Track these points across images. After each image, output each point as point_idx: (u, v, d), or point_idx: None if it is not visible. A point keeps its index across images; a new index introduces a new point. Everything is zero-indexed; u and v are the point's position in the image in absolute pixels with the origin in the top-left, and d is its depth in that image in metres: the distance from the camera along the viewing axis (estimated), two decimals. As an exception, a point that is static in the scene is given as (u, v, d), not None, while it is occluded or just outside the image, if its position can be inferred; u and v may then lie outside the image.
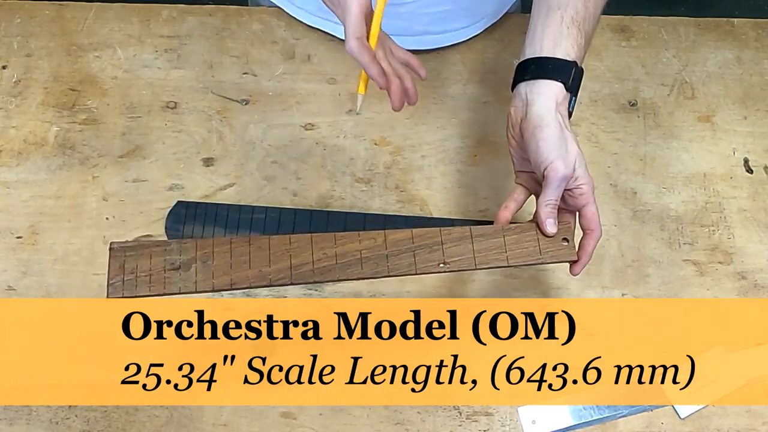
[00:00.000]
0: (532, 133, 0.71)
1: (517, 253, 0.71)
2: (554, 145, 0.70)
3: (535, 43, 0.74)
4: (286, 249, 0.68)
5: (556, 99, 0.71)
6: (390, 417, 0.79)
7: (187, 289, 0.65)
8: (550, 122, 0.70)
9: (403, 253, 0.69)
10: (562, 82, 0.71)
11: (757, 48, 1.03)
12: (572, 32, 0.73)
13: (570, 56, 0.72)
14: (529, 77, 0.72)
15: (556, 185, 0.70)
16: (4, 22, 1.01)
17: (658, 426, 0.79)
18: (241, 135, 0.94)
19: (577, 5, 0.73)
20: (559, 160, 0.69)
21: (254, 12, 1.03)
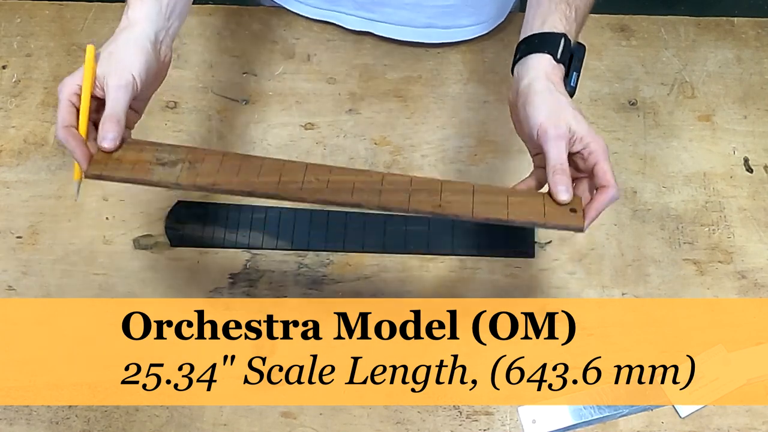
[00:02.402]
0: (522, 106, 0.69)
1: (519, 212, 0.66)
2: (542, 107, 0.67)
3: (527, 25, 0.74)
4: (278, 168, 0.66)
5: (544, 70, 0.70)
6: (390, 417, 0.79)
7: (167, 181, 0.64)
8: (538, 89, 0.69)
9: (398, 191, 0.66)
10: (549, 53, 0.70)
11: (757, 47, 1.03)
12: (561, 7, 0.72)
13: (557, 29, 0.71)
14: (520, 56, 0.72)
15: (551, 146, 0.66)
16: (4, 22, 1.01)
17: (658, 425, 0.79)
18: (241, 135, 0.94)
19: None
20: (547, 121, 0.67)
21: (254, 12, 1.03)
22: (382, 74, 0.99)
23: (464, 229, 0.88)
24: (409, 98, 0.97)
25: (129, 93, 0.67)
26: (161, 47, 0.71)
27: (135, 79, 0.67)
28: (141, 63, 0.68)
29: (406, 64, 1.00)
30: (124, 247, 0.87)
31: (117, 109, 0.66)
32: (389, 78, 0.99)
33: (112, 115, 0.65)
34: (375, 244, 0.87)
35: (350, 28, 0.99)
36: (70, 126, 0.66)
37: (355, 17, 0.98)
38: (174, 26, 0.72)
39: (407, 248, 0.87)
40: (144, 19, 0.69)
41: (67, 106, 0.67)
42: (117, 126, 0.65)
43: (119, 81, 0.66)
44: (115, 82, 0.66)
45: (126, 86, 0.66)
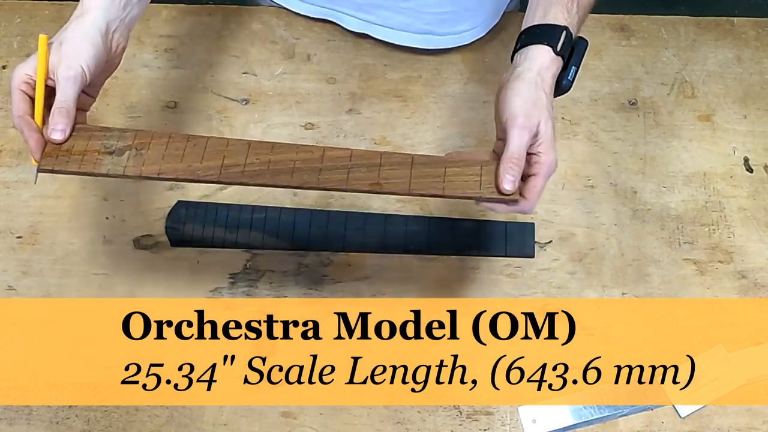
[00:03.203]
0: (505, 89, 0.70)
1: (455, 185, 0.66)
2: (521, 98, 0.68)
3: (529, 15, 0.74)
4: (221, 150, 0.66)
5: (541, 62, 0.70)
6: (390, 416, 0.79)
7: (115, 172, 0.65)
8: (524, 79, 0.69)
9: (337, 169, 0.66)
10: (549, 45, 0.70)
11: (757, 47, 1.03)
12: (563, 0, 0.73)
13: (558, 21, 0.71)
14: (520, 45, 0.72)
15: (515, 134, 0.67)
16: (4, 22, 1.01)
17: (658, 425, 0.79)
18: (241, 135, 0.94)
19: None
20: (520, 110, 0.67)
21: (254, 12, 1.03)
22: (382, 74, 0.99)
23: (464, 229, 0.88)
24: (409, 98, 0.97)
25: (77, 84, 0.67)
26: (113, 36, 0.71)
27: (84, 70, 0.67)
28: (90, 55, 0.68)
29: (406, 64, 0.99)
30: (124, 247, 0.87)
31: (66, 100, 0.67)
32: (389, 78, 0.99)
33: (61, 107, 0.66)
34: (375, 244, 0.87)
35: (349, 28, 0.99)
36: (24, 115, 0.67)
37: (354, 18, 0.98)
38: (131, 14, 0.73)
39: (407, 248, 0.87)
40: (96, 7, 0.69)
41: (18, 95, 0.68)
42: (66, 118, 0.66)
43: (67, 72, 0.67)
44: (64, 73, 0.67)
45: (74, 78, 0.67)
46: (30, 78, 0.68)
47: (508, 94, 0.69)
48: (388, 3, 0.95)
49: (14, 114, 0.67)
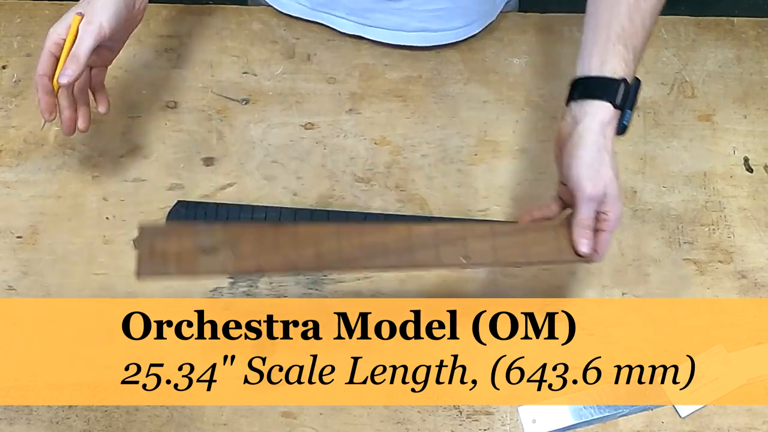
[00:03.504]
0: (569, 151, 0.71)
1: (536, 252, 0.72)
2: (587, 164, 0.70)
3: (584, 62, 0.74)
4: (312, 236, 0.68)
5: (602, 119, 0.71)
6: (390, 416, 0.79)
7: (214, 271, 0.66)
8: (589, 142, 0.71)
9: (427, 246, 0.69)
10: (610, 101, 0.71)
11: (757, 47, 1.03)
12: (618, 49, 0.72)
13: (617, 74, 0.72)
14: (578, 96, 0.73)
15: (583, 204, 0.71)
16: (4, 22, 1.01)
17: (658, 425, 0.79)
18: (241, 135, 0.94)
19: (623, 21, 0.73)
20: (587, 180, 0.70)
21: (254, 12, 1.03)
22: (382, 74, 0.99)
23: (464, 229, 0.88)
24: (409, 98, 0.97)
25: (93, 37, 0.76)
26: None
27: (103, 25, 0.77)
28: (111, 12, 0.77)
29: (406, 64, 1.00)
30: (124, 247, 0.87)
31: (80, 49, 0.76)
32: (389, 78, 0.99)
33: (74, 55, 0.76)
34: (375, 244, 0.87)
35: (343, 31, 0.99)
36: (45, 75, 0.77)
37: (348, 21, 0.98)
38: None
39: (407, 248, 0.87)
40: None
41: (47, 56, 0.78)
42: (76, 65, 0.76)
43: (87, 26, 0.77)
44: (84, 26, 0.77)
45: (92, 32, 0.76)
46: (61, 39, 0.77)
47: (571, 160, 0.71)
48: (382, 6, 0.95)
49: (37, 72, 0.77)
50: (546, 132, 0.95)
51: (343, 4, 0.97)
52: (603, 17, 0.74)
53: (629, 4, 0.74)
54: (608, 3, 0.75)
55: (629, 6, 0.74)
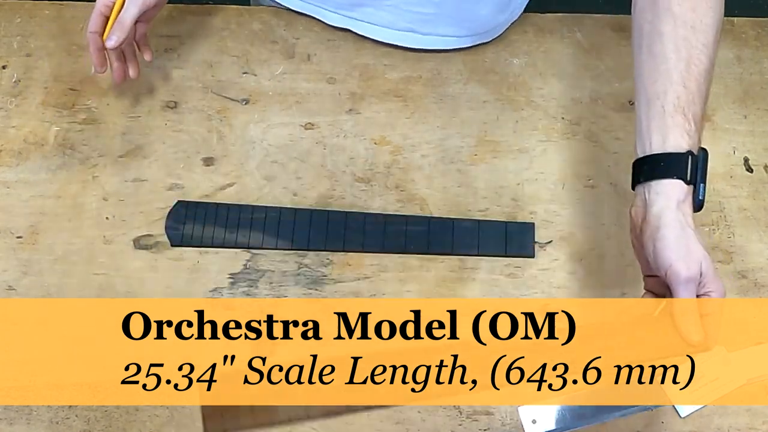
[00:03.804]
0: (650, 235, 0.67)
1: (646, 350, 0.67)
2: (674, 246, 0.65)
3: (644, 140, 0.70)
4: None
5: (676, 198, 0.67)
6: (390, 417, 0.79)
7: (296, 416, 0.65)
8: (669, 222, 0.66)
9: None
10: (680, 178, 0.67)
11: (757, 47, 1.03)
12: (677, 120, 0.68)
13: (681, 148, 0.68)
14: (644, 178, 0.68)
15: (682, 289, 0.65)
16: (4, 22, 1.01)
17: (658, 425, 0.79)
18: (241, 135, 0.94)
19: (677, 90, 0.69)
20: (680, 262, 0.65)
21: (254, 12, 1.03)
22: (382, 74, 0.99)
23: (464, 229, 0.88)
24: (409, 98, 0.97)
25: (138, 7, 0.85)
26: None
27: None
28: None
29: (406, 64, 1.00)
30: (124, 247, 0.87)
31: (126, 17, 0.85)
32: (389, 78, 0.99)
33: (120, 22, 0.85)
34: (375, 244, 0.87)
35: (331, 24, 0.99)
36: (96, 32, 0.86)
37: (336, 14, 0.98)
38: None
39: (407, 248, 0.87)
40: None
41: (97, 15, 0.86)
42: (121, 31, 0.85)
43: None
44: None
45: (137, 2, 0.85)
46: (111, 1, 0.85)
47: (658, 246, 0.66)
48: (370, 0, 0.95)
49: (88, 29, 0.86)
50: (546, 132, 0.95)
51: None
52: (655, 87, 0.70)
53: (680, 71, 0.70)
54: (657, 72, 0.70)
55: (680, 73, 0.70)
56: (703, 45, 0.71)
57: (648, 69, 0.72)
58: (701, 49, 0.71)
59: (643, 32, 0.73)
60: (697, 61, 0.71)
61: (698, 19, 0.71)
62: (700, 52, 0.71)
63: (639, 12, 0.75)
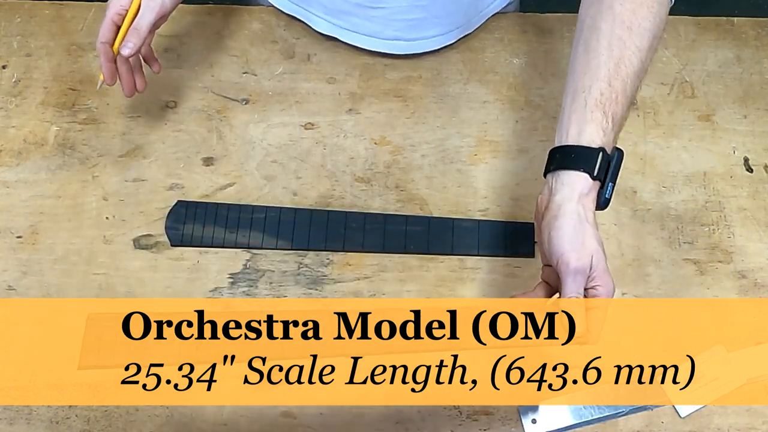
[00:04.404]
0: (548, 223, 0.68)
1: None
2: (568, 236, 0.67)
3: (562, 130, 0.71)
4: None
5: (580, 191, 0.68)
6: (390, 417, 0.79)
7: None
8: (567, 213, 0.67)
9: None
10: (587, 171, 0.68)
11: (757, 47, 1.03)
12: (596, 116, 0.69)
13: (594, 143, 0.69)
14: (554, 167, 0.70)
15: (570, 279, 0.66)
16: (4, 22, 1.01)
17: (658, 425, 0.79)
18: (241, 134, 0.94)
19: (601, 86, 0.70)
20: (571, 252, 0.66)
21: (254, 12, 1.03)
22: (382, 74, 0.99)
23: (464, 229, 0.88)
24: (409, 98, 0.97)
25: (154, 13, 0.82)
26: None
27: (166, 3, 0.82)
28: None
29: (406, 64, 1.00)
30: (124, 247, 0.87)
31: (142, 24, 0.81)
32: (389, 78, 0.99)
33: (136, 29, 0.81)
34: (375, 244, 0.87)
35: (319, 30, 0.99)
36: (107, 43, 0.82)
37: (323, 20, 0.98)
38: None
39: (407, 248, 0.87)
40: None
41: (108, 24, 0.82)
42: (138, 38, 0.81)
43: (149, 3, 0.82)
44: (146, 3, 0.82)
45: (153, 8, 0.82)
46: (124, 10, 0.81)
47: (553, 234, 0.68)
48: (358, 10, 0.95)
49: (99, 39, 0.81)
50: (546, 132, 0.95)
51: (321, 2, 0.96)
52: (582, 81, 0.71)
53: (609, 69, 0.70)
54: (588, 66, 0.71)
55: (609, 71, 0.70)
56: (636, 48, 0.72)
57: (580, 62, 0.73)
58: (634, 51, 0.72)
59: (584, 26, 0.74)
60: (628, 62, 0.71)
61: (637, 21, 0.72)
62: (633, 54, 0.72)
63: (585, 6, 0.76)
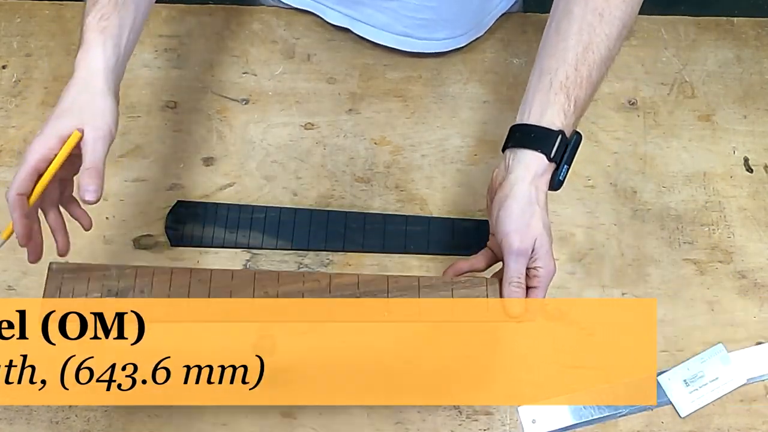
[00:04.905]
0: (498, 201, 0.69)
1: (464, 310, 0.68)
2: (515, 216, 0.68)
3: (525, 109, 0.72)
4: (226, 284, 0.66)
5: (534, 171, 0.69)
6: (390, 417, 0.79)
7: None
8: (518, 193, 0.68)
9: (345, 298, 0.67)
10: (544, 152, 0.69)
11: (757, 47, 1.03)
12: (559, 99, 0.70)
13: (555, 125, 0.69)
14: (512, 144, 0.71)
15: (512, 259, 0.67)
16: (4, 22, 1.01)
17: (658, 425, 0.79)
18: (241, 135, 0.94)
19: (567, 70, 0.70)
20: (515, 234, 0.67)
21: (254, 12, 1.03)
22: (382, 74, 0.99)
23: (464, 229, 0.88)
24: (409, 98, 0.97)
25: (106, 143, 0.67)
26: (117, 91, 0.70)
27: (113, 131, 0.67)
28: (113, 113, 0.68)
29: (406, 64, 1.00)
30: (124, 247, 0.87)
31: (96, 160, 0.65)
32: (389, 78, 0.99)
33: (92, 168, 0.65)
34: (375, 244, 0.87)
35: (331, 22, 0.99)
36: (24, 194, 0.65)
37: (335, 11, 0.98)
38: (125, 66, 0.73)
39: (407, 248, 0.87)
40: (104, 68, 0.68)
41: (28, 172, 0.65)
42: (98, 178, 0.65)
43: (97, 133, 0.66)
44: (93, 135, 0.66)
45: (104, 138, 0.66)
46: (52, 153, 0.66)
47: (501, 213, 0.68)
48: (371, 1, 0.95)
49: (13, 189, 0.65)
50: (546, 132, 0.95)
51: None
52: (549, 62, 0.72)
53: (576, 53, 0.71)
54: (556, 49, 0.72)
55: (576, 55, 0.71)
56: (605, 35, 0.72)
57: (550, 44, 0.73)
58: (603, 39, 0.72)
59: (558, 9, 0.75)
60: (596, 49, 0.72)
61: (608, 9, 0.72)
62: (601, 41, 0.72)
63: None
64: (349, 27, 0.99)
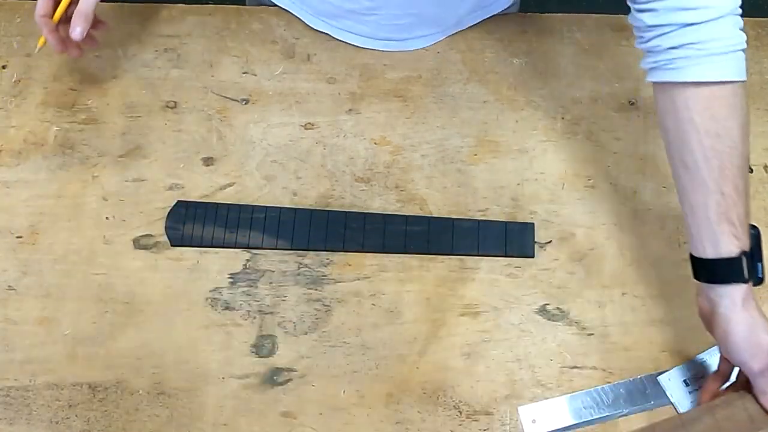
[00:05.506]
0: (721, 335, 0.72)
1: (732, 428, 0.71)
2: (743, 346, 0.71)
3: (697, 245, 0.73)
4: None
5: (741, 298, 0.71)
6: (390, 417, 0.79)
7: None
8: (736, 328, 0.71)
9: None
10: (740, 281, 0.70)
11: (757, 47, 1.03)
12: (723, 228, 0.70)
13: (733, 252, 0.70)
14: (705, 280, 0.73)
15: (759, 380, 0.71)
16: (4, 22, 1.01)
17: (658, 425, 0.79)
18: (241, 134, 0.94)
19: (716, 198, 0.71)
20: (752, 360, 0.70)
21: (254, 12, 1.03)
22: (382, 74, 0.99)
23: (464, 229, 0.88)
24: (409, 98, 0.97)
25: None
26: None
27: None
28: None
29: (406, 64, 1.00)
30: (124, 247, 0.87)
31: (87, 7, 0.84)
32: (389, 78, 0.99)
33: (81, 12, 0.84)
34: (375, 244, 0.87)
35: (312, 26, 1.00)
36: (46, 15, 0.84)
37: (317, 20, 0.99)
38: None
39: (407, 248, 0.87)
40: None
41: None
42: (85, 21, 0.84)
43: None
44: None
45: None
46: None
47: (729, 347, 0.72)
48: (351, 15, 0.96)
49: (37, 12, 0.83)
50: (546, 132, 0.95)
51: (313, 5, 0.98)
52: (695, 197, 0.72)
53: (715, 179, 0.71)
54: (694, 182, 0.72)
55: (716, 180, 0.71)
56: (730, 147, 0.71)
57: (684, 179, 0.73)
58: (730, 152, 0.71)
59: (669, 138, 0.74)
60: (729, 164, 0.71)
61: (720, 125, 0.72)
62: (730, 155, 0.71)
63: (661, 113, 0.75)
64: (329, 33, 0.99)
